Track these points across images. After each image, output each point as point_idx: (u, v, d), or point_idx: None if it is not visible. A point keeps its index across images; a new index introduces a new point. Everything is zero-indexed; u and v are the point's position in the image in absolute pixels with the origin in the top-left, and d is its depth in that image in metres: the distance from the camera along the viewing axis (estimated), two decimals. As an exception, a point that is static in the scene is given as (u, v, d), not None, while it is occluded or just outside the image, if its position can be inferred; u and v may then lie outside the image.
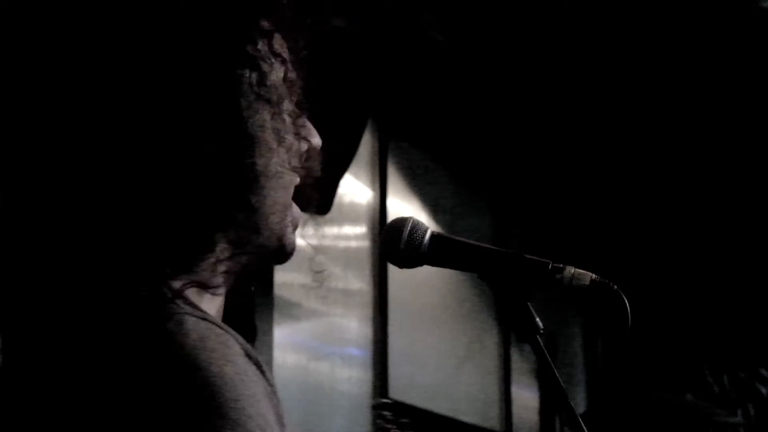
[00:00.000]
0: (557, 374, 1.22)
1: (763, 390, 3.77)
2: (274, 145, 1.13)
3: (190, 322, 1.00)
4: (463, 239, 1.30)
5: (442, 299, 5.16)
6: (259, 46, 1.14)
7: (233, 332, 1.04)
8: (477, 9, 4.10)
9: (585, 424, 1.21)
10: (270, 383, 1.03)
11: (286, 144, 1.15)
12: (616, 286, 1.23)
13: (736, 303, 5.95)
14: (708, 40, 4.35)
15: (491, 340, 5.74)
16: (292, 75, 1.18)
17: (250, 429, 0.95)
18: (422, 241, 1.28)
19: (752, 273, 6.00)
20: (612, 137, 5.17)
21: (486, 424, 5.62)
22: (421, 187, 5.02)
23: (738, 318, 5.75)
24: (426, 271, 1.35)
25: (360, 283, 4.49)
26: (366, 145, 4.32)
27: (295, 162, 1.17)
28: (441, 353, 5.20)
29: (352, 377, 4.34)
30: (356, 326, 4.45)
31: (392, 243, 1.28)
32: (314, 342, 4.15)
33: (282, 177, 1.14)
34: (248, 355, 1.02)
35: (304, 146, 1.20)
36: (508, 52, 4.44)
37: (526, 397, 6.07)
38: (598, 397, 6.78)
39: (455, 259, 1.29)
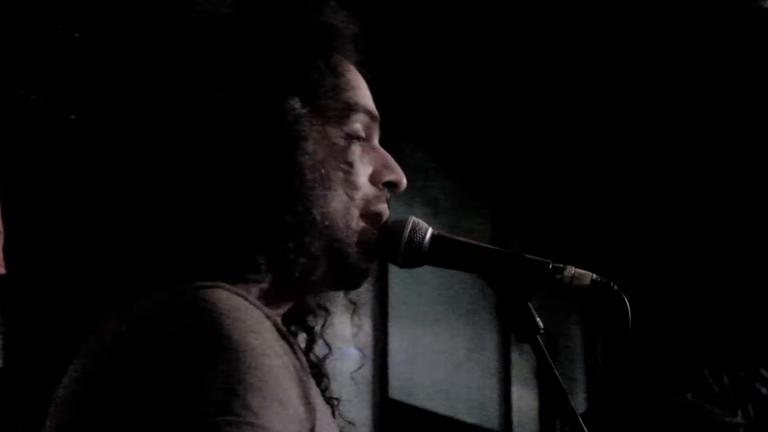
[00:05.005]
0: (557, 374, 1.22)
1: (763, 390, 3.77)
2: (326, 155, 1.18)
3: (223, 293, 1.03)
4: (463, 239, 1.29)
5: (442, 299, 5.16)
6: (323, 67, 1.21)
7: (267, 311, 1.07)
8: (478, 8, 4.10)
9: (585, 424, 1.21)
10: (301, 363, 1.06)
11: (345, 158, 1.21)
12: (616, 286, 1.23)
13: (736, 303, 5.95)
14: (708, 40, 4.35)
15: (491, 340, 5.74)
16: (358, 98, 1.25)
17: (264, 395, 0.97)
18: (423, 241, 1.28)
19: (752, 273, 5.99)
20: (612, 137, 5.17)
21: (486, 424, 5.61)
22: (421, 187, 5.01)
23: (738, 318, 5.75)
24: (426, 271, 1.35)
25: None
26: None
27: (361, 181, 1.22)
28: (441, 353, 5.20)
29: (351, 377, 4.33)
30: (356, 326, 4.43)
31: (393, 243, 1.28)
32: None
33: (332, 185, 1.19)
34: (280, 333, 1.06)
35: (385, 174, 1.26)
36: (508, 52, 4.44)
37: (526, 397, 6.06)
38: (598, 397, 6.78)
39: (456, 259, 1.29)
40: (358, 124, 1.24)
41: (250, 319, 1.03)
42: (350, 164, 1.22)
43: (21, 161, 1.94)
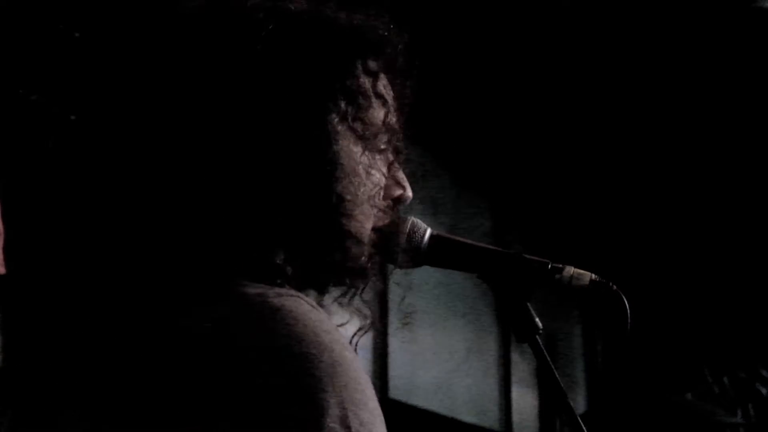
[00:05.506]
0: (557, 374, 1.22)
1: (763, 390, 3.76)
2: (358, 176, 1.17)
3: (305, 303, 1.03)
4: (462, 239, 1.29)
5: (442, 299, 5.15)
6: (362, 83, 1.19)
7: None
8: (478, 8, 4.10)
9: (585, 425, 1.21)
10: None
11: (373, 180, 1.20)
12: (615, 287, 1.23)
13: (736, 303, 5.95)
14: (707, 40, 4.35)
15: (491, 340, 5.74)
16: (391, 118, 1.24)
17: (370, 410, 0.99)
18: (422, 242, 1.28)
19: (752, 273, 6.00)
20: (612, 137, 5.17)
21: (486, 424, 5.61)
22: (421, 187, 5.00)
23: (738, 318, 5.75)
24: (426, 271, 1.35)
25: (360, 283, 4.48)
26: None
27: (378, 198, 1.22)
28: (441, 353, 5.20)
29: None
30: (356, 326, 4.43)
31: (392, 243, 1.28)
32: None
33: (360, 207, 1.17)
34: None
35: (395, 190, 1.25)
36: (508, 52, 4.44)
37: (526, 397, 6.06)
38: (598, 397, 6.78)
39: (455, 260, 1.29)
40: (384, 142, 1.24)
41: (337, 332, 1.03)
42: (374, 182, 1.22)
43: (21, 161, 1.94)
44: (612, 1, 4.13)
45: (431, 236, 1.28)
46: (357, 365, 1.01)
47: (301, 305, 1.02)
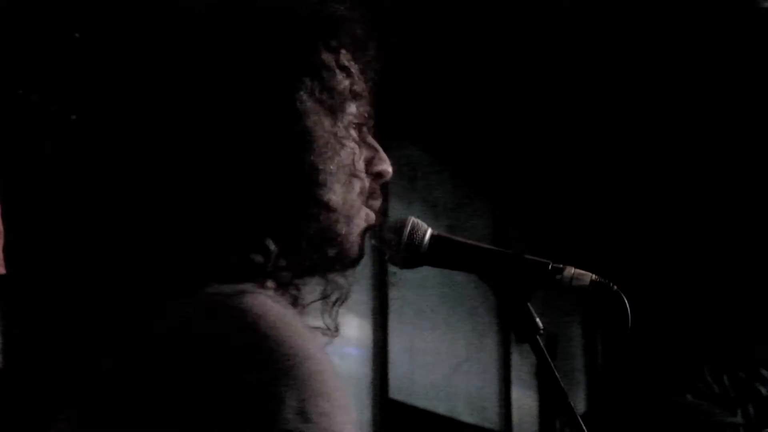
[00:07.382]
0: (557, 374, 1.22)
1: (763, 390, 3.76)
2: (331, 148, 1.18)
3: (268, 300, 1.05)
4: (463, 239, 1.29)
5: (442, 299, 5.16)
6: (324, 58, 1.21)
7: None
8: (478, 8, 4.10)
9: (585, 424, 1.21)
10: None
11: (346, 150, 1.20)
12: (616, 287, 1.23)
13: (736, 303, 5.95)
14: (708, 40, 4.35)
15: (491, 340, 5.74)
16: (357, 87, 1.24)
17: (334, 399, 1.00)
18: (422, 242, 1.27)
19: (752, 273, 5.99)
20: (612, 137, 5.17)
21: (486, 424, 5.61)
22: (421, 187, 5.01)
23: (738, 318, 5.75)
24: (426, 271, 1.35)
25: (360, 283, 4.48)
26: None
27: (357, 165, 1.22)
28: (441, 353, 5.20)
29: (351, 376, 4.34)
30: (356, 326, 4.44)
31: (392, 243, 1.28)
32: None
33: (339, 179, 1.18)
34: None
35: (374, 163, 1.25)
36: (508, 51, 4.44)
37: (526, 397, 6.06)
38: (598, 397, 6.78)
39: (455, 260, 1.29)
40: (356, 114, 1.25)
41: (300, 325, 1.05)
42: (352, 156, 1.22)
43: (21, 161, 1.94)
44: (613, 1, 4.14)
45: (431, 236, 1.28)
46: (320, 357, 1.02)
47: (261, 301, 1.04)
